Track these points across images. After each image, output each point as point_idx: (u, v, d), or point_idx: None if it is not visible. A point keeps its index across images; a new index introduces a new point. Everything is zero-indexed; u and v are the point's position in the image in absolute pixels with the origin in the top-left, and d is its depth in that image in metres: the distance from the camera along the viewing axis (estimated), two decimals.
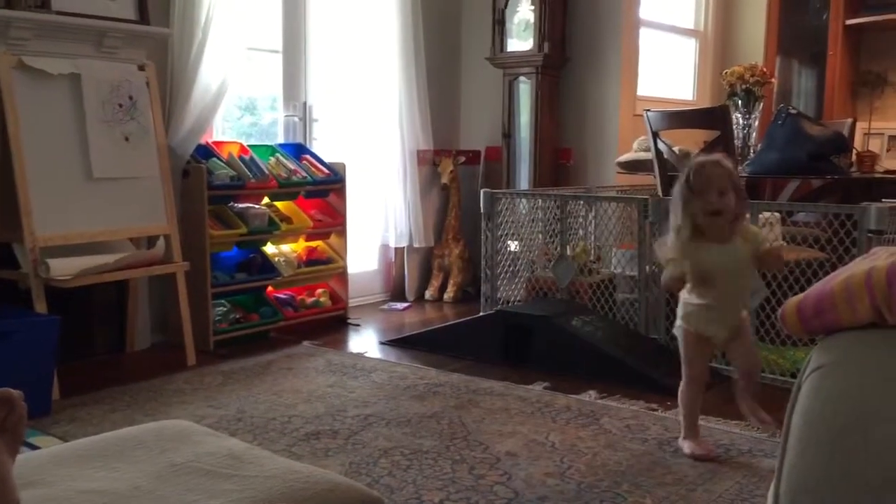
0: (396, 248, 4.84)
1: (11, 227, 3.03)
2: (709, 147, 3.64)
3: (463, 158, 4.99)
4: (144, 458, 1.31)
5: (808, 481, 0.86)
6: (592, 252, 4.08)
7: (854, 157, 4.11)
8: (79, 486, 1.22)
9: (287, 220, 4.01)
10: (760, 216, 3.26)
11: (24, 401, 1.02)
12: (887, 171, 4.54)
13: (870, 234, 2.97)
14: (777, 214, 3.47)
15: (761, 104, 4.16)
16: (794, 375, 3.14)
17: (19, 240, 3.02)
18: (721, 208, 2.33)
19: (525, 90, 4.80)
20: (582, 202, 4.09)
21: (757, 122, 4.17)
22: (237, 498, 1.17)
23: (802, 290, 1.04)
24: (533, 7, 4.70)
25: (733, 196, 2.35)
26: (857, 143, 4.95)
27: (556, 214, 3.94)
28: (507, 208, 4.09)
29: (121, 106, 3.30)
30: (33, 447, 2.13)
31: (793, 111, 3.72)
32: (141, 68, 3.40)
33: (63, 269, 3.00)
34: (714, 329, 2.45)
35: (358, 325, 4.21)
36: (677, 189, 2.41)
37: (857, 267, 0.98)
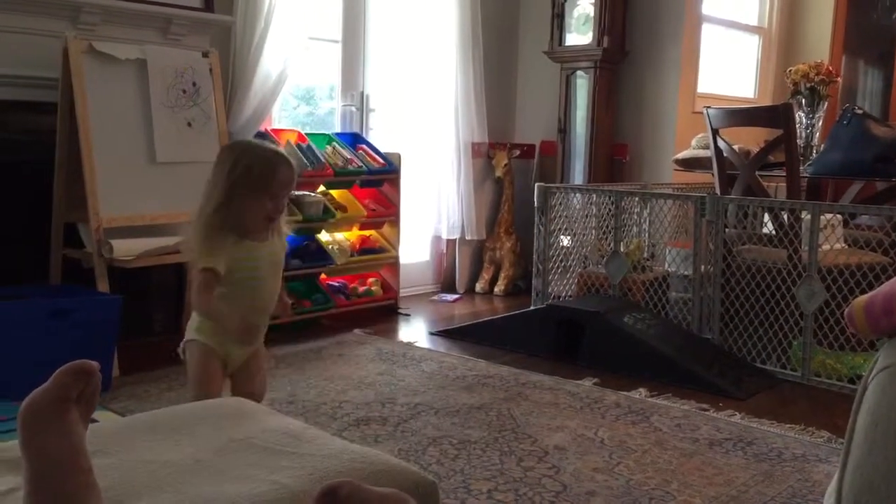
0: (448, 240, 4.85)
1: (78, 208, 3.12)
2: (769, 146, 3.57)
3: (518, 152, 4.98)
4: (205, 432, 1.34)
5: (873, 479, 0.85)
6: (646, 249, 4.04)
7: None
8: (141, 457, 1.25)
9: (342, 208, 4.05)
10: (822, 218, 3.21)
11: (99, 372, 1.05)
12: None
13: None
14: (839, 216, 3.41)
15: (826, 103, 4.07)
16: (851, 381, 3.08)
17: (84, 220, 3.10)
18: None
19: (582, 85, 4.77)
20: (637, 199, 4.05)
21: (821, 122, 4.08)
22: (296, 474, 1.19)
23: (863, 293, 1.02)
24: (593, 1, 4.67)
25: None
26: None
27: (610, 210, 3.91)
28: (560, 203, 4.07)
29: (184, 92, 3.37)
30: (92, 421, 2.20)
31: (859, 111, 3.63)
32: (205, 55, 3.47)
33: (125, 249, 3.08)
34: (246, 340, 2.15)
35: (408, 315, 4.24)
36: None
37: None
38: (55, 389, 1.01)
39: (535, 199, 4.07)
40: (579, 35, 4.76)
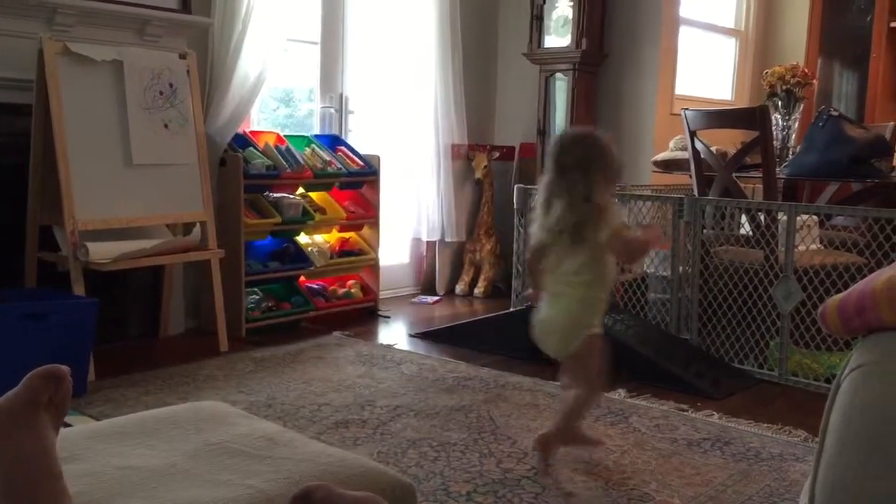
0: (428, 242, 4.85)
1: (53, 211, 3.09)
2: (746, 148, 3.60)
3: (497, 154, 4.99)
4: (180, 437, 1.33)
5: (845, 478, 0.85)
6: None
7: None
8: (116, 462, 1.24)
9: (321, 210, 4.04)
10: (798, 219, 3.24)
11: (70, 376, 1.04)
12: None
13: None
14: (815, 217, 3.44)
15: (802, 105, 4.10)
16: (827, 380, 3.11)
17: (60, 223, 3.07)
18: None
19: (561, 87, 4.78)
20: (616, 200, 4.06)
21: (797, 124, 4.12)
22: (271, 478, 1.18)
23: (839, 293, 1.03)
24: (571, 3, 4.68)
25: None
26: None
27: None
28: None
29: (161, 93, 3.34)
30: (67, 425, 2.17)
31: (834, 113, 3.67)
32: (182, 57, 3.44)
33: (101, 252, 3.05)
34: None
35: (388, 317, 4.23)
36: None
37: None
38: (25, 393, 1.00)
39: (515, 201, 4.07)
40: (558, 37, 4.78)
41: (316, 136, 4.24)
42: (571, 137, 2.37)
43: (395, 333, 3.94)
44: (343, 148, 4.24)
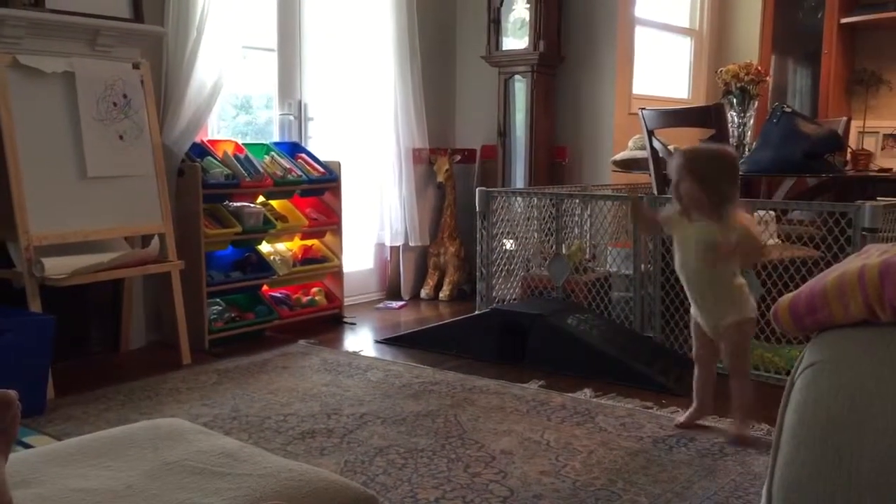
0: (392, 247, 4.84)
1: (6, 226, 3.03)
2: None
3: (458, 157, 5.00)
4: (137, 456, 1.31)
5: (801, 476, 0.86)
6: (588, 250, 4.08)
7: (849, 156, 4.12)
8: (72, 485, 1.21)
9: (282, 218, 4.01)
10: (755, 214, 3.28)
11: (19, 400, 1.01)
12: (881, 170, 4.56)
13: (864, 233, 2.97)
14: (772, 213, 3.50)
15: (756, 102, 4.16)
16: (788, 373, 3.15)
17: (14, 239, 3.01)
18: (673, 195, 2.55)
19: (520, 89, 4.81)
20: (577, 200, 4.09)
21: (752, 121, 4.18)
22: (231, 496, 1.17)
23: (797, 288, 1.04)
24: (528, 5, 4.71)
25: (686, 187, 2.49)
26: (852, 141, 4.97)
27: (551, 213, 3.94)
28: (502, 207, 4.09)
29: (115, 104, 3.29)
30: (27, 446, 2.13)
31: (788, 109, 3.73)
32: (135, 66, 3.40)
33: (58, 268, 3.00)
34: (701, 318, 2.64)
35: (353, 324, 4.21)
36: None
37: (850, 265, 0.98)
38: None
39: (477, 204, 4.08)
40: (516, 39, 4.80)
41: (275, 143, 4.20)
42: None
43: (360, 340, 3.93)
44: (303, 155, 4.22)
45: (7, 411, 0.98)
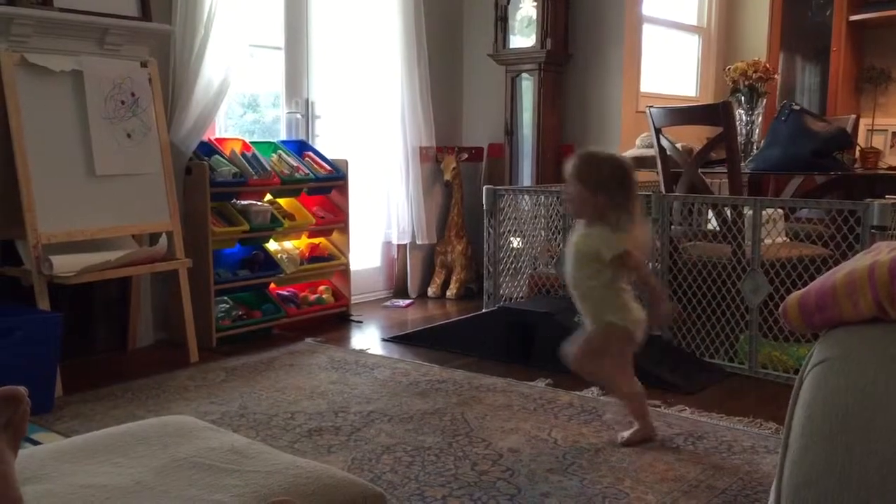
0: (399, 245, 4.84)
1: (15, 225, 3.04)
2: (711, 144, 3.63)
3: (465, 155, 4.99)
4: (146, 453, 1.31)
5: (810, 474, 0.86)
6: None
7: (857, 154, 4.10)
8: (80, 482, 1.22)
9: (290, 216, 4.01)
10: (764, 212, 3.27)
11: (28, 397, 1.02)
12: (890, 168, 4.53)
13: (873, 231, 2.96)
14: (780, 211, 3.48)
15: (764, 100, 4.15)
16: (797, 372, 3.14)
17: (22, 237, 3.02)
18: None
19: (528, 87, 4.80)
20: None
21: (760, 119, 4.16)
22: (239, 493, 1.17)
23: (805, 286, 1.03)
24: (535, 3, 4.70)
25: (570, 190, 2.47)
26: (861, 139, 4.95)
27: (558, 211, 3.93)
28: (509, 205, 4.09)
29: (123, 103, 3.30)
30: (35, 443, 2.14)
31: (796, 107, 3.71)
32: (143, 65, 3.40)
33: (66, 266, 3.00)
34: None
35: (360, 322, 4.21)
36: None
37: (860, 262, 0.98)
38: None
39: (484, 202, 4.08)
40: (523, 37, 4.79)
41: (282, 141, 4.21)
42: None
43: (367, 338, 3.93)
44: (310, 153, 4.22)
45: (17, 407, 0.98)
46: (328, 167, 4.17)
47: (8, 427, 0.99)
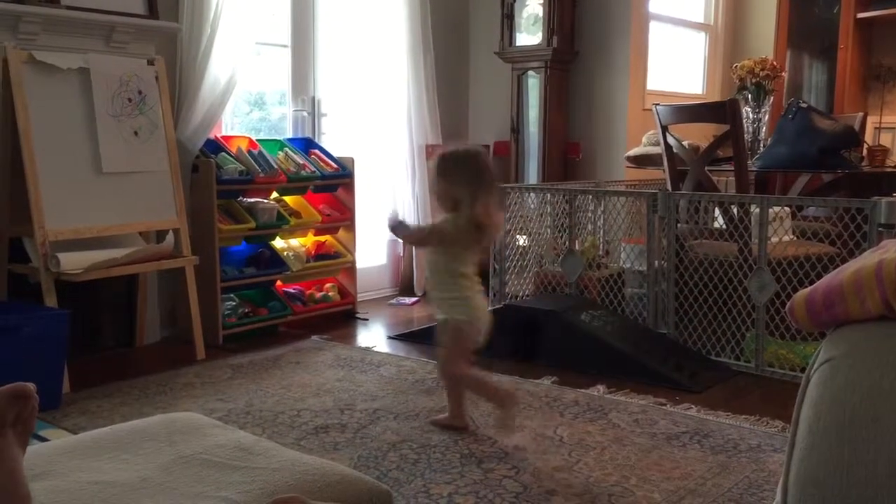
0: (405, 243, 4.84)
1: (22, 222, 3.05)
2: (717, 141, 3.63)
3: None
4: (153, 450, 1.31)
5: (817, 472, 0.86)
6: (601, 247, 4.07)
7: (865, 152, 4.09)
8: (88, 478, 1.22)
9: (296, 214, 4.02)
10: (770, 210, 3.26)
11: (36, 393, 1.02)
12: None
13: (880, 229, 2.95)
14: (787, 209, 3.47)
15: (771, 98, 4.14)
16: (803, 370, 3.13)
17: (29, 234, 3.03)
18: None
19: (534, 85, 4.80)
20: (590, 196, 4.08)
21: (767, 117, 4.15)
22: (246, 489, 1.17)
23: (812, 284, 1.03)
24: (542, 1, 4.69)
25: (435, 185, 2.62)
26: (868, 137, 4.93)
27: (564, 209, 3.93)
28: (515, 203, 4.09)
29: (130, 100, 3.31)
30: (43, 440, 2.15)
31: (803, 105, 3.70)
32: (150, 63, 3.41)
33: (73, 263, 3.01)
34: None
35: (366, 320, 4.22)
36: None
37: (867, 259, 0.97)
38: None
39: None
40: (529, 35, 4.79)
41: (289, 139, 4.21)
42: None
43: (373, 336, 3.93)
44: (316, 151, 4.22)
45: (26, 404, 0.99)
46: (334, 165, 4.17)
47: (17, 423, 0.99)
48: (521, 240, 4.13)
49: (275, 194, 3.99)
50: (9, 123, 3.03)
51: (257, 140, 4.01)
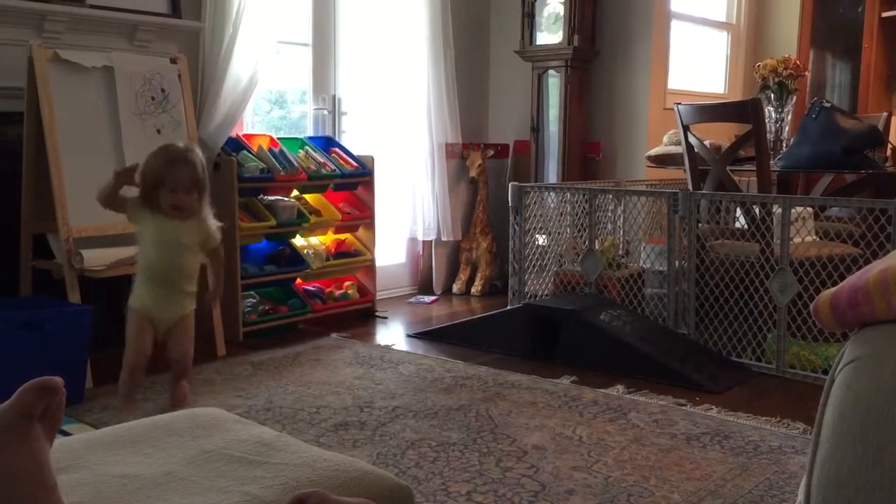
0: (424, 242, 4.85)
1: (46, 218, 3.08)
2: (740, 141, 3.60)
3: (491, 152, 4.99)
4: (176, 444, 1.33)
5: (840, 474, 0.85)
6: (621, 246, 4.06)
7: (889, 152, 4.04)
8: (112, 471, 1.24)
9: (316, 212, 4.04)
10: (793, 211, 3.24)
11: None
12: None
13: None
14: (810, 209, 3.45)
15: (794, 97, 4.11)
16: (825, 372, 3.11)
17: (54, 230, 3.07)
18: (183, 206, 2.59)
19: (554, 83, 4.79)
20: (611, 196, 4.06)
21: (790, 116, 4.12)
22: (268, 484, 1.18)
23: (835, 285, 1.03)
24: (563, 0, 4.68)
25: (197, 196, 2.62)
26: (892, 137, 4.87)
27: (584, 208, 3.92)
28: (535, 202, 4.08)
29: (153, 99, 3.34)
30: (66, 434, 2.17)
31: (827, 104, 3.67)
32: (173, 61, 3.44)
33: (96, 259, 3.04)
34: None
35: (385, 318, 4.23)
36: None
37: (893, 259, 0.97)
38: (18, 407, 0.99)
39: (510, 199, 4.08)
40: (550, 34, 4.78)
41: (309, 137, 4.23)
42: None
43: (392, 334, 3.94)
44: (337, 149, 4.24)
45: (53, 397, 1.00)
46: (354, 163, 4.19)
47: (44, 416, 1.00)
48: (541, 239, 4.13)
49: (295, 192, 4.00)
50: (34, 121, 3.06)
51: (278, 138, 4.04)
